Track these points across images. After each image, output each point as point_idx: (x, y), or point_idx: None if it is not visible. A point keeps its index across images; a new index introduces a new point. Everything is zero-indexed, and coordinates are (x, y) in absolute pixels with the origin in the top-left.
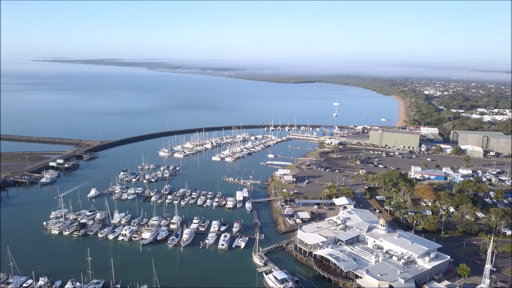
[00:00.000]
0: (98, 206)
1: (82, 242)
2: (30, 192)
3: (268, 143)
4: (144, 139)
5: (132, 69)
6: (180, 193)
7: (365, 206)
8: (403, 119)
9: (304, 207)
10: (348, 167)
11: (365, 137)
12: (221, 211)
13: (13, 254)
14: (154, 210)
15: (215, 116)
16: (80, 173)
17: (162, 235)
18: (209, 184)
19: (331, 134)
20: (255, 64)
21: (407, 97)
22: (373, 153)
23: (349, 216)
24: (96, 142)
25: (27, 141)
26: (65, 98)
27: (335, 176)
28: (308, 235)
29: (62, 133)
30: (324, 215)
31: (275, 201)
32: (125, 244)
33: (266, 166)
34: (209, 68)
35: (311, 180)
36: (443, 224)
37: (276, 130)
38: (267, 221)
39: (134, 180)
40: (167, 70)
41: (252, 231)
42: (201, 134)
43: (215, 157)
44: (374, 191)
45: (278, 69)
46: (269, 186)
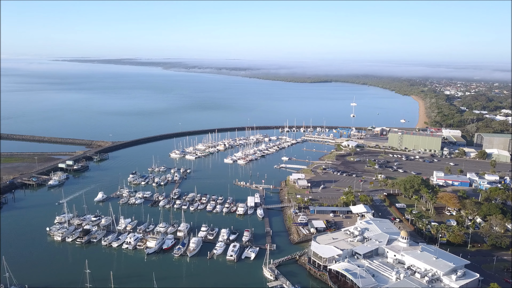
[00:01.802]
0: (104, 211)
1: (85, 249)
2: (36, 195)
3: (282, 145)
4: (156, 140)
5: (149, 69)
6: (190, 197)
7: (384, 214)
8: (423, 121)
9: (319, 215)
10: (366, 171)
11: (383, 139)
12: (231, 218)
13: (13, 262)
14: (161, 216)
15: (229, 117)
16: (89, 175)
17: (168, 244)
18: (220, 188)
19: (348, 136)
20: (271, 64)
21: (427, 97)
22: (392, 156)
23: (367, 226)
24: (107, 143)
25: (39, 141)
26: (81, 98)
27: (352, 181)
28: (323, 247)
29: (75, 133)
30: (340, 224)
31: (288, 207)
32: (129, 253)
33: (280, 169)
34: (225, 68)
35: (326, 185)
36: (469, 236)
37: (291, 131)
38: (279, 229)
39: (143, 183)
40: (183, 70)
41: (263, 241)
42: (213, 135)
43: (227, 160)
44: (394, 198)
45: (295, 68)
46: (282, 191)
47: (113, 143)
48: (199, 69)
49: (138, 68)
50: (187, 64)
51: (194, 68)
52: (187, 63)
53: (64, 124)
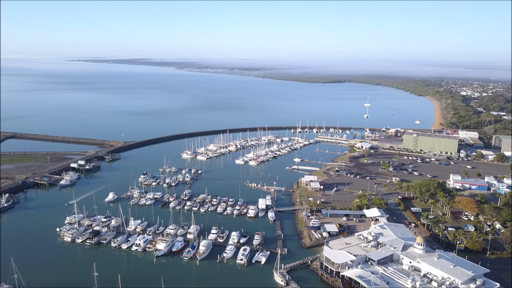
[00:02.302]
0: (114, 212)
1: (95, 251)
2: (48, 195)
3: (295, 146)
4: (168, 140)
5: (162, 69)
6: (200, 199)
7: (399, 218)
8: (439, 122)
9: (332, 219)
10: (380, 173)
11: (398, 141)
12: (242, 220)
13: (23, 263)
14: (171, 217)
15: (241, 117)
16: (101, 175)
17: (177, 246)
18: (231, 189)
19: (362, 137)
20: (284, 64)
21: (442, 98)
22: (407, 158)
23: (382, 231)
24: (119, 142)
25: (52, 140)
26: (95, 98)
27: (366, 183)
28: (336, 253)
29: (87, 133)
30: (354, 228)
31: (300, 210)
32: (138, 255)
33: (292, 171)
34: (237, 68)
35: (339, 187)
36: (489, 243)
37: (304, 132)
38: (291, 233)
39: (154, 184)
40: (196, 70)
41: (274, 244)
42: (225, 136)
43: (239, 160)
44: (409, 202)
45: (308, 68)
46: (294, 193)
47: (125, 143)
48: (211, 69)
49: (152, 68)
50: (200, 64)
51: (207, 68)
52: (200, 63)
53: (77, 123)
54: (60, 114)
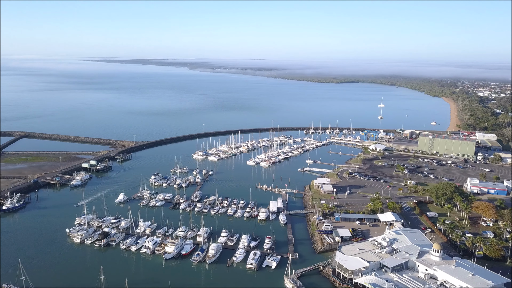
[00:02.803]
0: (124, 213)
1: (103, 252)
2: (59, 195)
3: (307, 147)
4: (180, 140)
5: (175, 69)
6: (210, 200)
7: (414, 223)
8: (455, 123)
9: (345, 223)
10: (395, 176)
11: (413, 142)
12: (253, 223)
13: (31, 264)
14: (181, 219)
15: (252, 118)
16: (112, 175)
17: (187, 249)
18: (242, 191)
19: (375, 138)
20: (296, 64)
21: (459, 99)
22: (423, 161)
23: (397, 237)
24: (131, 143)
25: (65, 140)
26: (108, 97)
27: (380, 186)
28: (348, 258)
29: (100, 133)
30: (367, 232)
31: (312, 214)
32: (147, 257)
33: (304, 173)
34: (250, 68)
35: (353, 190)
36: (509, 251)
37: (316, 133)
38: (303, 237)
39: (165, 185)
40: (208, 70)
41: (285, 249)
42: (236, 137)
43: (250, 162)
44: (425, 206)
45: (321, 68)
46: (306, 196)
47: (137, 143)
48: (224, 69)
49: (165, 68)
50: (212, 64)
51: (219, 68)
52: (213, 63)
53: (90, 123)
54: (73, 113)
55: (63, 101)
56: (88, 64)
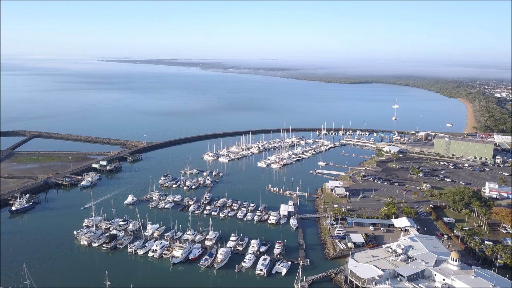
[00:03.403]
0: (132, 215)
1: (111, 255)
2: (68, 196)
3: (319, 149)
4: (191, 141)
5: (188, 69)
6: (220, 203)
7: (430, 229)
8: (471, 125)
9: (358, 228)
10: (410, 179)
11: (428, 144)
12: (263, 227)
13: (37, 267)
14: (189, 223)
15: (264, 118)
16: (122, 176)
17: (195, 254)
18: (252, 194)
19: (390, 140)
20: (309, 64)
21: (475, 100)
22: (438, 164)
23: (412, 244)
24: (141, 143)
25: (76, 140)
26: (121, 97)
27: (395, 190)
28: (361, 266)
29: (111, 133)
30: (381, 238)
31: (324, 218)
32: (154, 261)
33: (316, 175)
34: (262, 68)
35: (366, 194)
36: None
37: (329, 134)
38: (314, 242)
39: (175, 186)
40: (221, 70)
41: (296, 254)
42: (247, 137)
43: (261, 163)
44: (441, 211)
45: (334, 68)
46: (318, 199)
47: (148, 144)
48: (236, 69)
49: (178, 69)
50: (225, 64)
51: (232, 68)
52: (225, 64)
53: (102, 123)
54: (86, 113)
55: (77, 101)
56: (103, 64)
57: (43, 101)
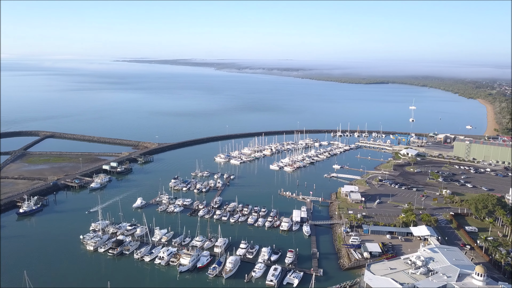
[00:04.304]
0: (141, 219)
1: (116, 262)
2: (77, 198)
3: (334, 151)
4: (203, 142)
5: (202, 69)
6: (231, 207)
7: (451, 238)
8: (492, 127)
9: (374, 236)
10: (428, 184)
11: (447, 148)
12: (274, 234)
13: (40, 273)
14: (198, 228)
15: (277, 119)
16: (132, 178)
17: (203, 262)
18: (264, 198)
19: (407, 143)
20: (324, 64)
21: (496, 101)
22: (459, 168)
23: (433, 255)
24: (153, 144)
25: (89, 140)
26: (135, 98)
27: (413, 196)
28: (378, 279)
29: (123, 134)
30: (399, 248)
31: (339, 225)
32: (161, 269)
33: (331, 179)
34: (276, 68)
35: (383, 199)
36: None
37: (344, 136)
38: (328, 251)
39: (185, 189)
40: (235, 71)
41: (309, 264)
42: (260, 139)
43: (273, 166)
44: (462, 219)
45: (349, 69)
46: (333, 205)
47: (159, 145)
48: (250, 69)
49: (192, 69)
50: (239, 65)
51: (246, 68)
52: (239, 64)
53: (115, 124)
54: (101, 114)
55: (92, 101)
56: (119, 65)
57: (59, 101)
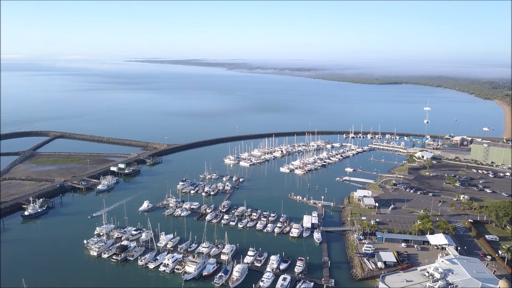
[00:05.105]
0: (147, 223)
1: (120, 268)
2: (83, 200)
3: (347, 154)
4: (212, 143)
5: (214, 69)
6: (239, 212)
7: (470, 248)
8: (511, 129)
9: (388, 244)
10: (445, 189)
11: (464, 150)
12: (283, 240)
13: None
14: (205, 234)
15: (288, 120)
16: (139, 180)
17: (209, 270)
18: (273, 202)
19: (422, 145)
20: (336, 64)
21: None
22: (476, 172)
23: (452, 267)
24: (162, 145)
25: (98, 141)
26: (146, 98)
27: (429, 201)
28: None
29: (133, 134)
30: (415, 257)
31: (351, 232)
32: (165, 276)
33: (343, 182)
34: (288, 69)
35: (397, 205)
36: None
37: (357, 138)
38: (340, 260)
39: (193, 192)
40: (246, 71)
41: (320, 273)
42: (270, 140)
43: (284, 168)
44: (482, 227)
45: (361, 69)
46: (345, 210)
47: (168, 146)
48: (261, 70)
49: (204, 69)
50: (251, 65)
51: (257, 68)
52: (251, 64)
53: (125, 124)
54: (112, 114)
55: (104, 101)
56: (131, 65)
57: (70, 101)
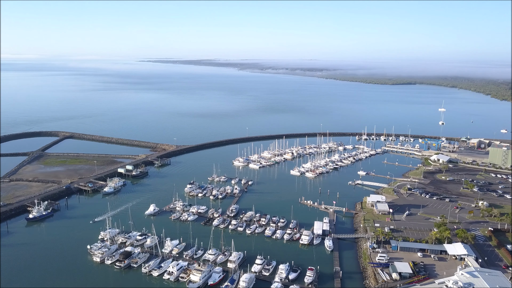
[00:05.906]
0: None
1: (123, 275)
2: (89, 203)
3: (359, 156)
4: (222, 145)
5: (225, 70)
6: (247, 217)
7: (491, 259)
8: None
9: (403, 253)
10: (462, 195)
11: (482, 154)
12: (293, 248)
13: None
14: (211, 240)
15: (299, 121)
16: (147, 182)
17: (214, 279)
18: (283, 207)
19: (437, 148)
20: (348, 64)
21: None
22: (495, 176)
23: (472, 280)
24: (171, 146)
25: (107, 142)
26: (157, 98)
27: (446, 207)
28: None
29: (143, 135)
30: (432, 268)
31: (364, 239)
32: (170, 285)
33: (355, 186)
34: (300, 69)
35: (412, 211)
36: None
37: (370, 140)
38: (352, 269)
39: (200, 195)
40: (257, 71)
41: (331, 284)
42: (281, 142)
43: (294, 171)
44: (503, 236)
45: (374, 69)
46: (358, 216)
47: (177, 147)
48: (273, 70)
49: (215, 69)
50: (262, 65)
51: (269, 69)
52: (262, 64)
53: (134, 124)
54: (123, 114)
55: (115, 101)
56: (143, 65)
57: (82, 101)
